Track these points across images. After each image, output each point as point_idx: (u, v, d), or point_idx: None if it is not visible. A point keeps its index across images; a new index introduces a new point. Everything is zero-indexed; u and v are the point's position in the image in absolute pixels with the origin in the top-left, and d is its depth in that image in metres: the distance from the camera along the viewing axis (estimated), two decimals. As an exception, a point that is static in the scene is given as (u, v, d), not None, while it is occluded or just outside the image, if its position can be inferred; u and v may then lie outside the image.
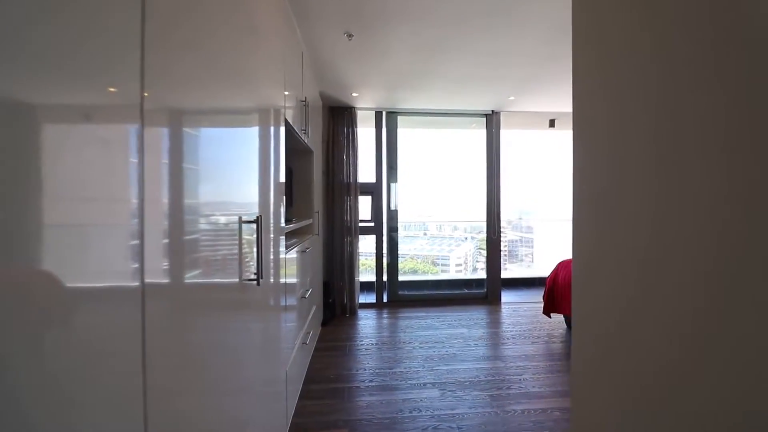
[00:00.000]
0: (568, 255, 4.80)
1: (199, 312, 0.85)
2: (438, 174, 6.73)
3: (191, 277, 0.80)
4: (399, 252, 4.40)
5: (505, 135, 4.68)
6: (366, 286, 4.70)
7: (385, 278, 4.27)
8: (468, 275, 6.21)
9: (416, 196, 6.48)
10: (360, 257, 4.25)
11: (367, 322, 3.71)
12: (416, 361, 2.78)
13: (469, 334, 3.33)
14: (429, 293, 4.43)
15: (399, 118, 4.31)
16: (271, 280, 1.52)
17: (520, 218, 8.39)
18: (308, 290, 2.44)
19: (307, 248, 2.52)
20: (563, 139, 6.74)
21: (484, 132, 4.46)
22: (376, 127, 4.24)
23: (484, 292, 4.42)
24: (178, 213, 0.74)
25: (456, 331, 3.43)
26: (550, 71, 3.11)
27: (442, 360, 2.78)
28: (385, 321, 3.77)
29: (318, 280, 3.36)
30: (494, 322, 3.68)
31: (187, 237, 0.78)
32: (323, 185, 4.06)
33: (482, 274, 4.92)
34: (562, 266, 3.44)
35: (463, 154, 6.32)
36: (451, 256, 6.92)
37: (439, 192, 6.70)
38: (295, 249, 2.17)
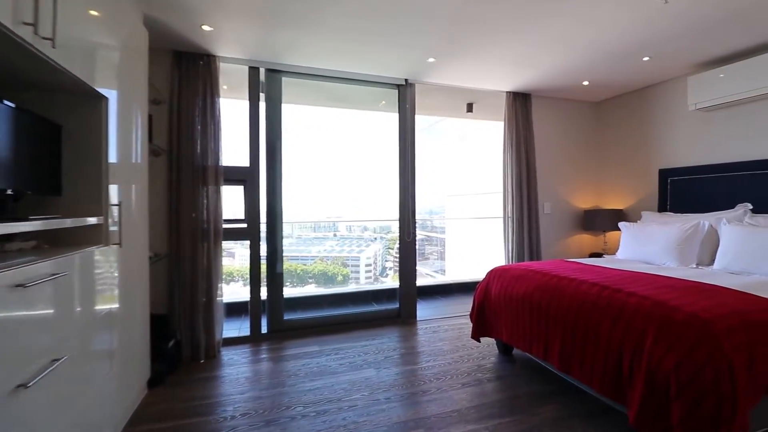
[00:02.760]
0: (494, 258, 4.19)
1: None
2: (342, 165, 5.72)
3: None
4: (293, 258, 3.25)
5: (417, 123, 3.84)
6: (240, 310, 3.45)
7: (264, 298, 3.09)
8: (377, 285, 5.31)
9: (312, 190, 5.38)
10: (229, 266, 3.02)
11: (231, 372, 2.50)
12: (294, 448, 1.69)
13: (378, 379, 2.35)
14: (326, 315, 3.36)
15: (284, 80, 3.16)
16: None
17: (430, 215, 7.81)
18: (52, 365, 1.18)
19: (54, 274, 1.25)
20: (480, 127, 6.24)
21: (395, 116, 3.53)
22: (250, 89, 3.02)
23: (397, 308, 3.51)
24: None
25: (360, 374, 2.42)
26: (489, 16, 2.28)
27: (336, 441, 1.74)
28: (261, 366, 2.60)
29: (137, 317, 2.06)
30: (410, 354, 2.76)
31: None
32: (166, 167, 2.72)
33: (393, 283, 4.05)
34: (496, 275, 2.67)
35: (370, 141, 5.40)
36: (361, 257, 6.23)
37: (342, 187, 5.69)
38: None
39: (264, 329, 3.05)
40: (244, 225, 2.96)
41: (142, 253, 2.15)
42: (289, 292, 4.34)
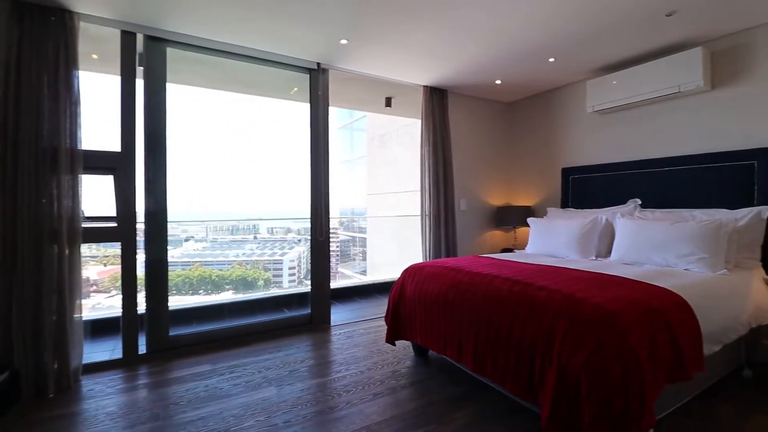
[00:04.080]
0: (413, 257, 4.06)
1: None
2: (257, 160, 5.23)
3: None
4: (208, 264, 2.77)
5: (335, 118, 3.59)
6: (110, 328, 2.87)
7: (144, 311, 2.57)
8: (288, 290, 4.93)
9: (225, 188, 4.85)
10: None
11: (90, 407, 1.99)
12: (155, 505, 1.32)
13: (278, 399, 2.04)
14: (223, 327, 2.92)
15: (171, 52, 2.68)
16: None
17: (352, 215, 7.61)
18: None
19: None
20: (400, 125, 6.18)
21: (308, 105, 3.23)
22: (123, 58, 2.49)
23: (309, 314, 3.21)
24: None
25: (258, 395, 2.08)
26: (396, -9, 2.10)
27: (214, 487, 1.40)
28: (133, 396, 2.11)
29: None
30: (320, 365, 2.49)
31: None
32: (-3, 149, 2.10)
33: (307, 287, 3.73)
34: (411, 274, 2.51)
35: (285, 133, 5.01)
36: (285, 260, 5.81)
37: (258, 185, 5.22)
38: None
39: (143, 349, 2.54)
40: (115, 224, 2.43)
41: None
42: (182, 301, 3.80)
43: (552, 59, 3.07)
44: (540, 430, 1.68)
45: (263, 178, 5.26)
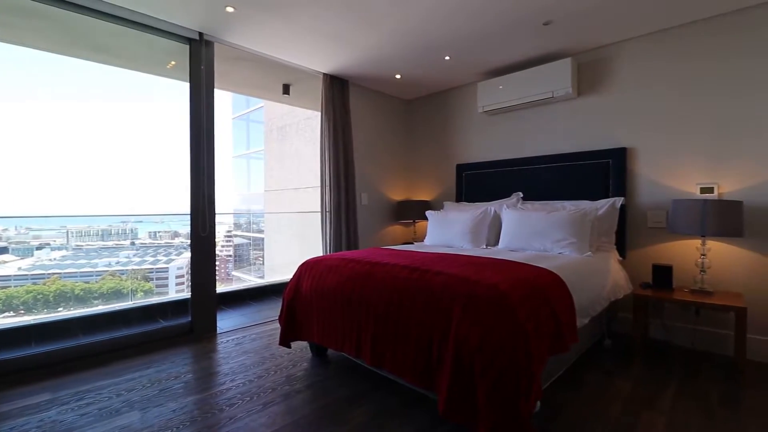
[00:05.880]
0: (310, 251, 3.87)
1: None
2: (125, 148, 4.47)
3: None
4: (70, 276, 2.20)
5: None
6: None
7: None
8: (166, 297, 4.31)
9: (85, 179, 4.04)
10: None
11: None
12: None
13: (141, 426, 1.67)
14: (74, 345, 2.36)
15: (-10, -5, 2.08)
16: None
17: (248, 213, 7.06)
18: None
19: None
20: (300, 118, 5.89)
21: (188, 85, 2.81)
22: None
23: (189, 322, 2.79)
24: None
25: (114, 423, 1.69)
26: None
27: None
28: None
29: None
30: (200, 379, 2.15)
31: None
32: None
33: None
34: (308, 268, 2.33)
35: (162, 116, 4.38)
36: (171, 267, 5.14)
37: (129, 178, 4.47)
38: None
39: (-58, 383, 1.90)
40: None
41: None
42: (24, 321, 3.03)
43: (447, 57, 3.18)
44: (437, 416, 1.66)
45: (138, 170, 4.52)
